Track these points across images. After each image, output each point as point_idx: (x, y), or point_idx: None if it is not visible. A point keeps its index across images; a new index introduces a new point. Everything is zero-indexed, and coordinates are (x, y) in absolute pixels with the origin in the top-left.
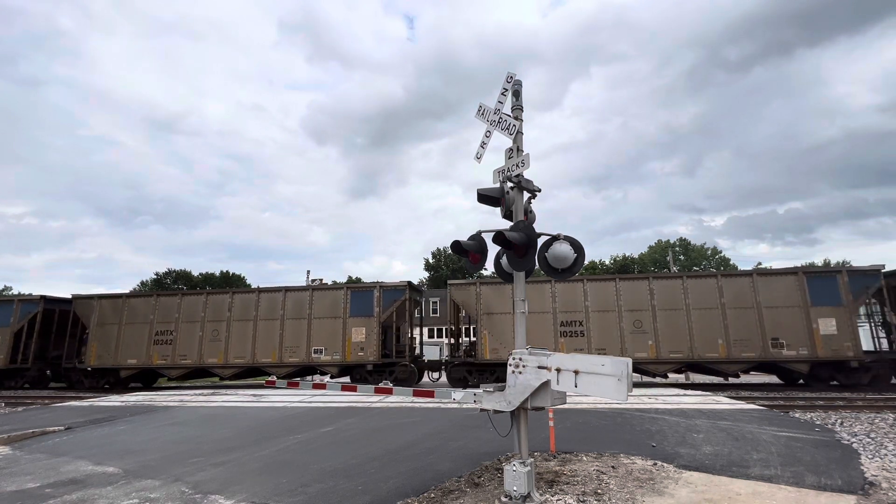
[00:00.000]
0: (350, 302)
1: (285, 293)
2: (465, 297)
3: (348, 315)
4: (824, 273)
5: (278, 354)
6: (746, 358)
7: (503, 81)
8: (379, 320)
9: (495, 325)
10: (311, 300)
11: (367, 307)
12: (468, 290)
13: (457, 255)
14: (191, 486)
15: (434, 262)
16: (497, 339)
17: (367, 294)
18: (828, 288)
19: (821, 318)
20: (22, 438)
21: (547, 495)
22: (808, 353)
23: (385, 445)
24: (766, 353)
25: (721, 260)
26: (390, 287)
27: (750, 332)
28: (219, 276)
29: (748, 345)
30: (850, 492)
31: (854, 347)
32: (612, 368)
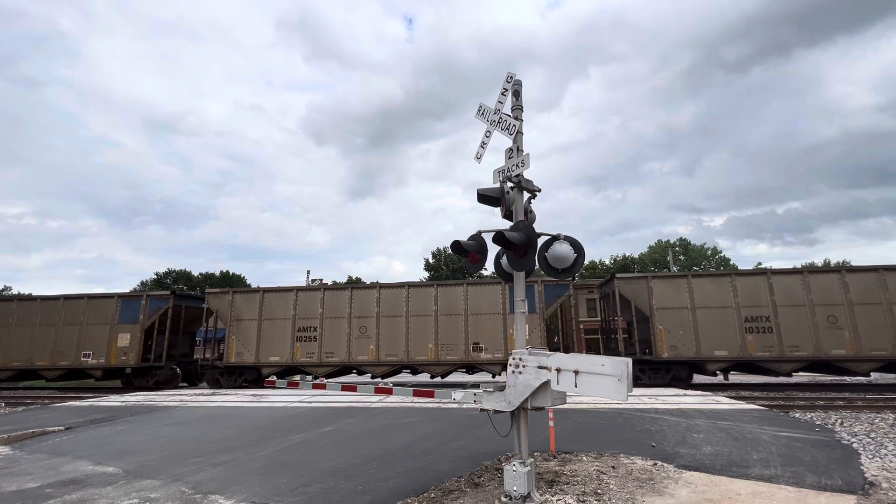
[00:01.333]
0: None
1: (64, 301)
2: (220, 303)
3: (117, 322)
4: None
5: (52, 358)
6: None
7: (503, 81)
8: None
9: (242, 331)
10: (87, 307)
11: None
12: (223, 298)
13: (457, 255)
14: (191, 486)
15: (434, 262)
16: (242, 344)
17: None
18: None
19: None
20: (22, 438)
21: (547, 495)
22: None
23: (385, 445)
24: None
25: (721, 260)
26: (156, 296)
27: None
28: (219, 276)
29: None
30: (850, 492)
31: None
32: (612, 368)
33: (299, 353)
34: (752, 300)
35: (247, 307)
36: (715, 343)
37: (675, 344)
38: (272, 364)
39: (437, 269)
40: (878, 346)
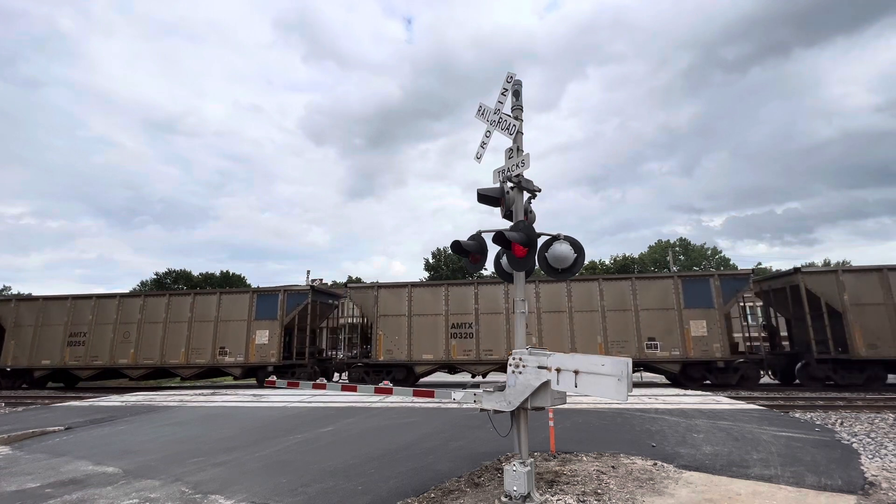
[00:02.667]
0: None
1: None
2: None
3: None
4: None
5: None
6: None
7: (503, 81)
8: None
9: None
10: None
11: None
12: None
13: (457, 255)
14: (191, 486)
15: (434, 262)
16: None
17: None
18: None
19: None
20: (22, 438)
21: (547, 495)
22: None
23: (385, 445)
24: None
25: (721, 260)
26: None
27: None
28: (219, 276)
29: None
30: (850, 492)
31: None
32: (612, 368)
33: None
34: None
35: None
36: None
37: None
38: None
39: (437, 269)
40: None
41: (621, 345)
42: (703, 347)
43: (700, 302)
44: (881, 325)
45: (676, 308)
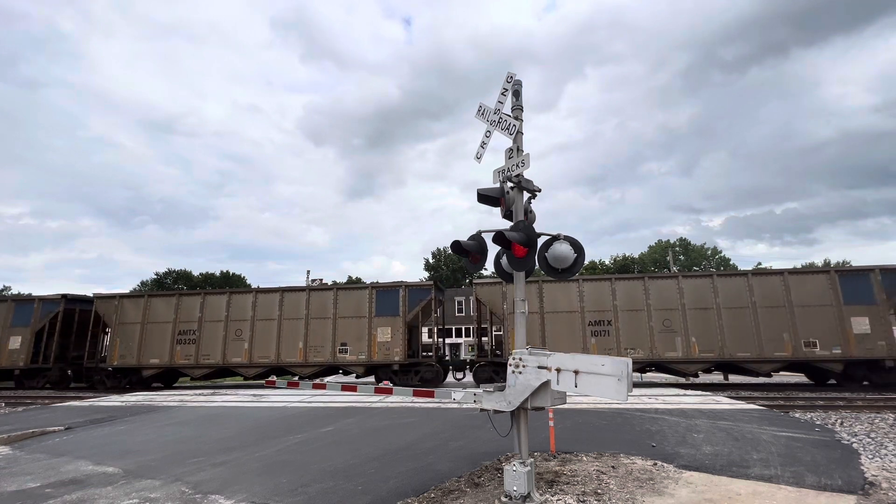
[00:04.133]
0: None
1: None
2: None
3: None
4: None
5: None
6: None
7: (503, 81)
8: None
9: None
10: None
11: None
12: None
13: (457, 255)
14: (191, 486)
15: (434, 262)
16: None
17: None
18: None
19: None
20: (22, 438)
21: (547, 495)
22: None
23: (385, 445)
24: None
25: (721, 260)
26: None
27: None
28: (219, 276)
29: None
30: (850, 492)
31: None
32: (612, 368)
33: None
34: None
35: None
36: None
37: None
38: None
39: (437, 268)
40: None
41: None
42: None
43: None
44: (532, 332)
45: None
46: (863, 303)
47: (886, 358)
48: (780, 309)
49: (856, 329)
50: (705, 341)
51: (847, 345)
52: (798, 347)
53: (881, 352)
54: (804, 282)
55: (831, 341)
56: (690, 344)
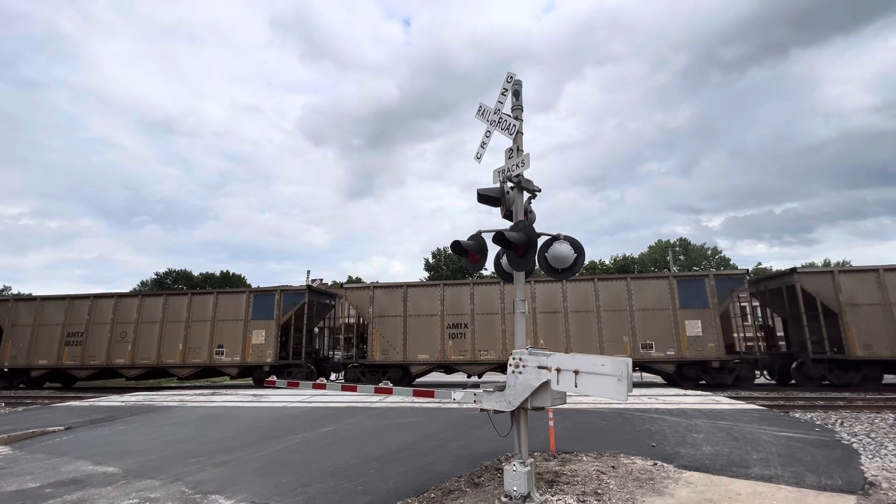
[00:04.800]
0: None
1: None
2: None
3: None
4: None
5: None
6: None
7: (503, 81)
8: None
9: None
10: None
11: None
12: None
13: (457, 255)
14: (191, 486)
15: (434, 262)
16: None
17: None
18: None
19: None
20: (22, 438)
21: (547, 495)
22: None
23: (385, 445)
24: None
25: (721, 260)
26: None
27: None
28: (219, 276)
29: None
30: (850, 492)
31: None
32: (612, 368)
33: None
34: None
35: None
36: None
37: (868, 343)
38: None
39: (437, 268)
40: None
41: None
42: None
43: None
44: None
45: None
46: (696, 307)
47: (714, 359)
48: (622, 312)
49: (689, 332)
50: (552, 345)
51: (680, 347)
52: (636, 349)
53: (710, 353)
54: (646, 286)
55: (667, 343)
56: (538, 345)
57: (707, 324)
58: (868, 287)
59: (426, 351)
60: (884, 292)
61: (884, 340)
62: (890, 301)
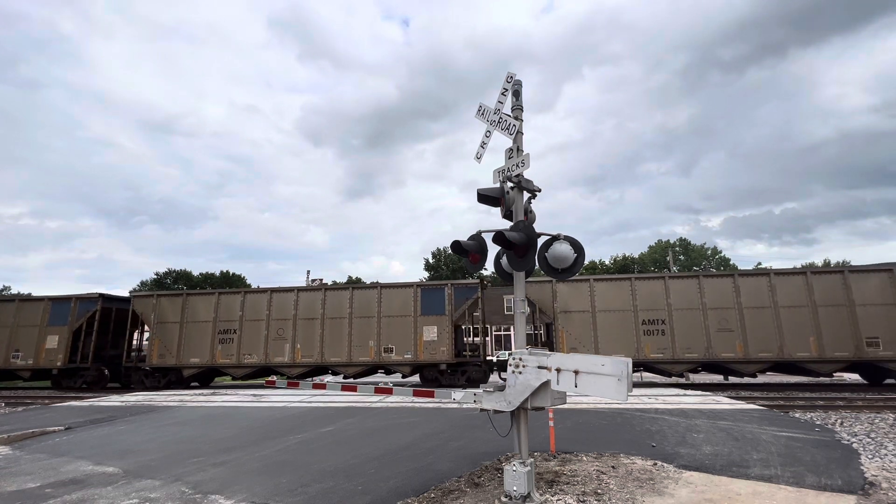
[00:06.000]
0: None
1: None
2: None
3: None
4: None
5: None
6: None
7: (503, 81)
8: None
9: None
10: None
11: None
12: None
13: (457, 255)
14: (191, 486)
15: (434, 262)
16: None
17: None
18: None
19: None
20: (22, 438)
21: (547, 495)
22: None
23: (385, 445)
24: None
25: (721, 260)
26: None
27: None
28: (219, 276)
29: None
30: (850, 492)
31: None
32: (612, 368)
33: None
34: None
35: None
36: None
37: (574, 346)
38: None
39: (437, 268)
40: None
41: None
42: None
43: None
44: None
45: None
46: (434, 314)
47: (443, 361)
48: (370, 319)
49: (426, 336)
50: None
51: (417, 351)
52: (379, 352)
53: (442, 356)
54: (395, 294)
55: (405, 348)
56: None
57: (441, 329)
58: (580, 296)
59: (197, 355)
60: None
61: (586, 343)
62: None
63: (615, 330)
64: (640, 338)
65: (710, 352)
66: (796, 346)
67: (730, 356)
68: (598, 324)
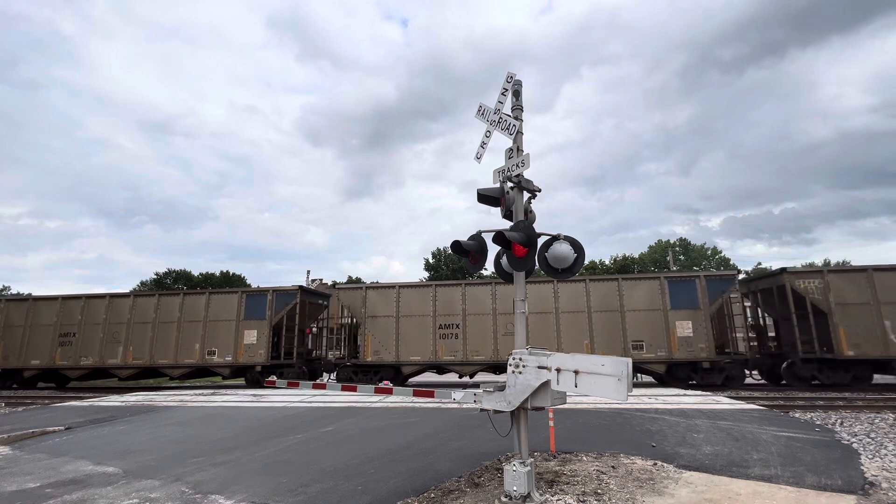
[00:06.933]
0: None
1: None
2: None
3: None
4: None
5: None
6: None
7: (503, 81)
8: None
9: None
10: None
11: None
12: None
13: (457, 255)
14: (191, 486)
15: (434, 262)
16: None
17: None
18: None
19: None
20: (22, 438)
21: (547, 495)
22: None
23: (385, 445)
24: None
25: (721, 260)
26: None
27: None
28: (219, 276)
29: None
30: (850, 492)
31: None
32: (612, 368)
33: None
34: None
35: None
36: None
37: (857, 342)
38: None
39: (437, 269)
40: None
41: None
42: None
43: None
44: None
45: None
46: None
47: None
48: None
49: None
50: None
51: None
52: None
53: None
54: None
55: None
56: None
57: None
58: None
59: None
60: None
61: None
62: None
63: (414, 331)
64: (436, 341)
65: (497, 355)
66: (575, 349)
67: None
68: (400, 328)
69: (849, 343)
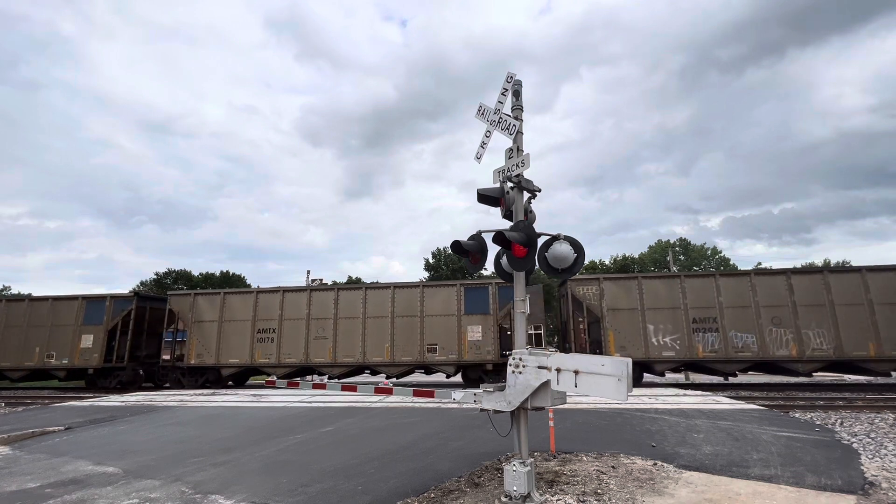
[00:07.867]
0: None
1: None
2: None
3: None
4: None
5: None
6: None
7: (503, 81)
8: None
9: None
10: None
11: None
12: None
13: (457, 255)
14: (191, 486)
15: (434, 262)
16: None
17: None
18: None
19: None
20: (22, 438)
21: (547, 495)
22: None
23: (385, 445)
24: None
25: (721, 260)
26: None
27: None
28: (219, 276)
29: None
30: (850, 492)
31: None
32: (612, 368)
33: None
34: None
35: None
36: None
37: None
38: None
39: (437, 269)
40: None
41: None
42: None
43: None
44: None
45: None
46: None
47: None
48: None
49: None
50: None
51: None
52: None
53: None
54: None
55: None
56: None
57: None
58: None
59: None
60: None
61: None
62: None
63: (235, 336)
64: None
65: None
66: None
67: (378, 360)
68: (222, 332)
69: (616, 345)
